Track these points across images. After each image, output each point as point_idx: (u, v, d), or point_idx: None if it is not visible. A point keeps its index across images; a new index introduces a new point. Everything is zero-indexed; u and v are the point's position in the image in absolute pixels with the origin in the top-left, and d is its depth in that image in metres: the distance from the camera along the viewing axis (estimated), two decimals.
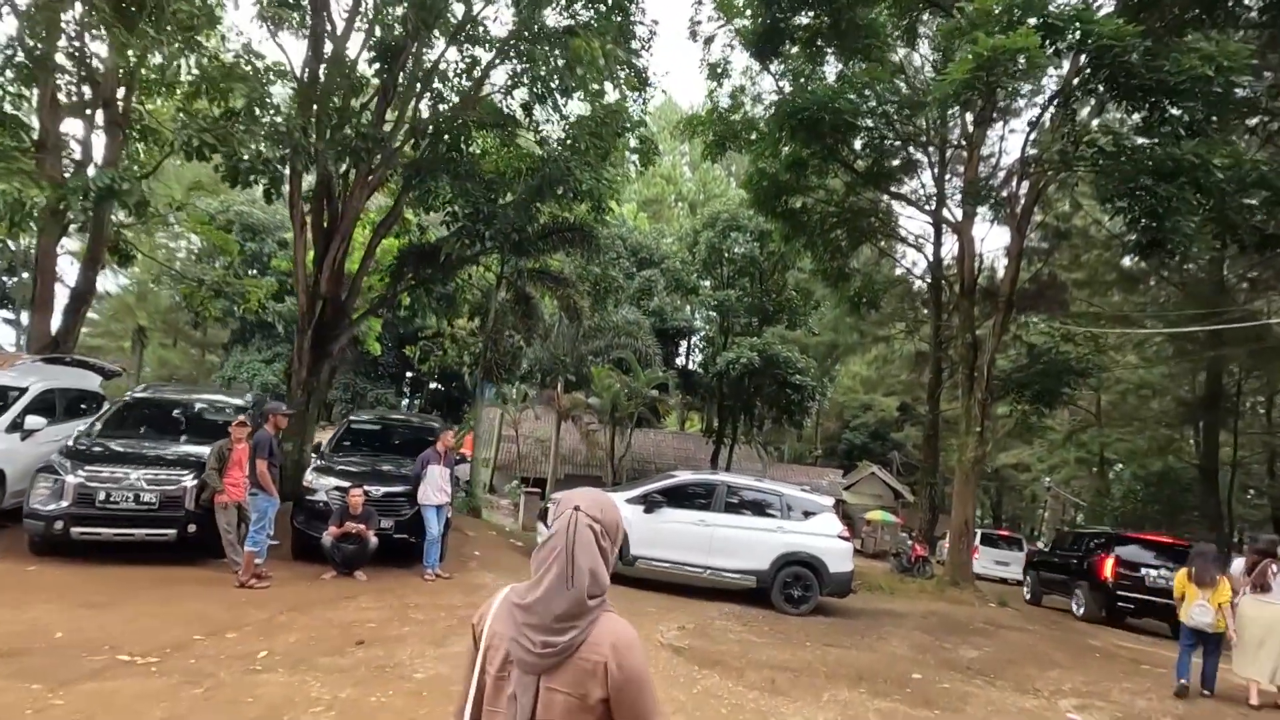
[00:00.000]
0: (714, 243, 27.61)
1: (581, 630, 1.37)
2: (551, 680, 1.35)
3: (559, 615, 1.36)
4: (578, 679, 1.35)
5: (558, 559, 1.38)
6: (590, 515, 1.43)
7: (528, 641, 1.36)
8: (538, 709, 1.36)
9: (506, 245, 11.68)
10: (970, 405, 15.22)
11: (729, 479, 10.31)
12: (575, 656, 1.36)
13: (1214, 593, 6.86)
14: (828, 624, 9.34)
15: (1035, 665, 8.04)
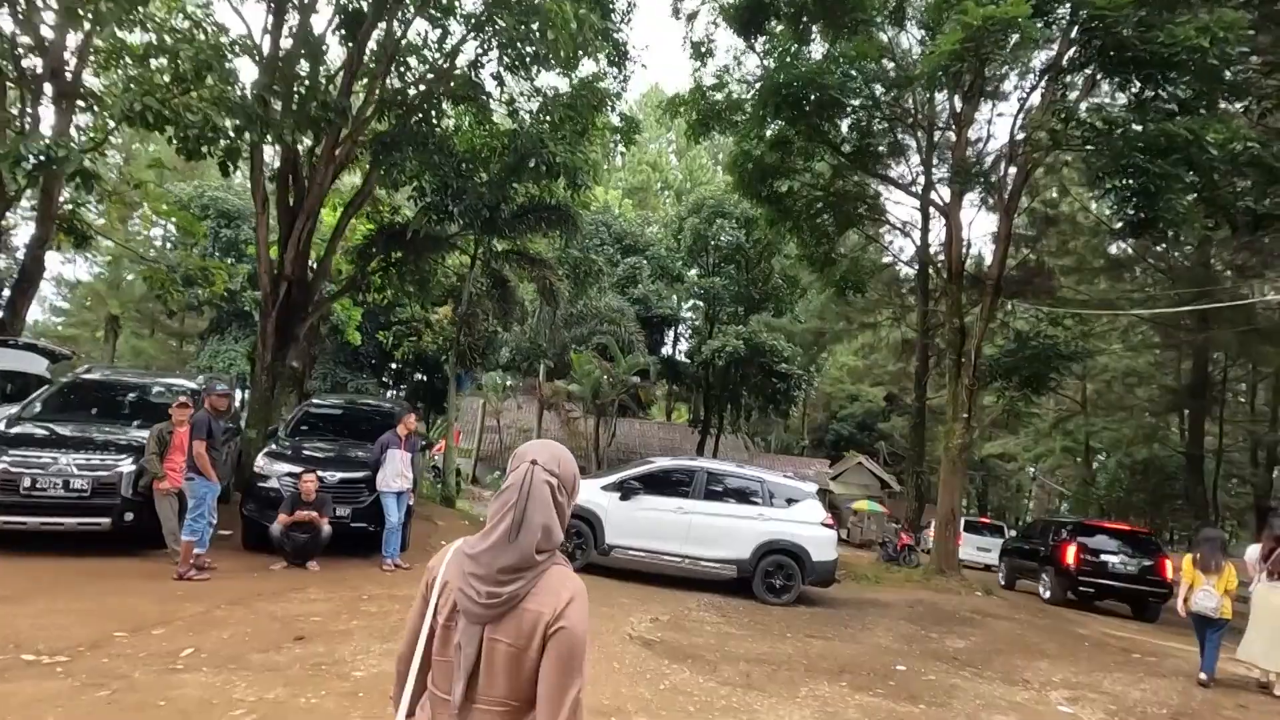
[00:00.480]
0: (699, 229, 27.20)
1: (527, 582, 1.36)
2: (496, 630, 1.35)
3: (504, 568, 1.35)
4: (520, 629, 1.34)
5: (510, 512, 1.38)
6: (547, 470, 1.42)
7: (473, 591, 1.35)
8: (481, 658, 1.35)
9: (478, 223, 11.20)
10: (957, 391, 14.93)
11: (709, 465, 9.94)
12: (519, 607, 1.35)
13: (1219, 579, 6.76)
14: (810, 614, 9.00)
15: (1023, 655, 7.74)
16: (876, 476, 35.36)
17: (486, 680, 1.36)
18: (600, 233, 27.65)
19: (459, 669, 1.36)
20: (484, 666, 1.35)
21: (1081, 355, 15.49)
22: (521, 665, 1.35)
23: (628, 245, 27.99)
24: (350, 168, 13.31)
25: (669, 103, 17.59)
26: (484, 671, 1.36)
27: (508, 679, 1.35)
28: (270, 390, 11.64)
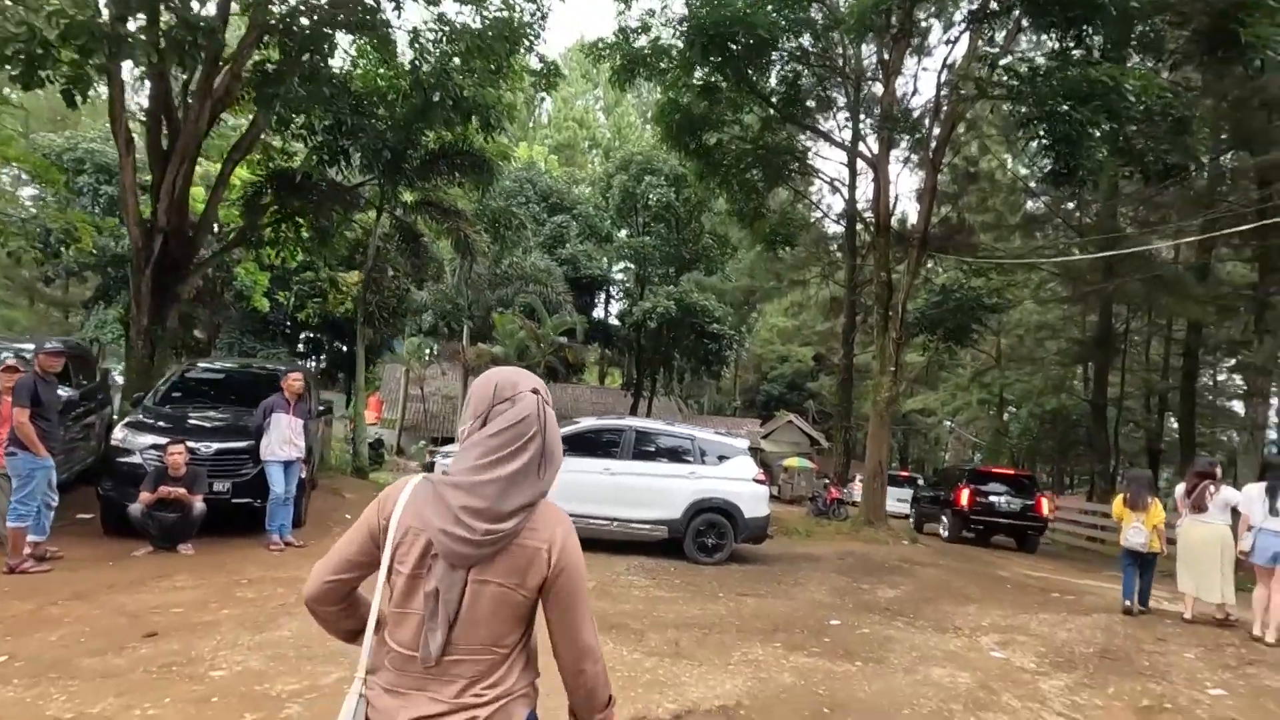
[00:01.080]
0: (628, 187, 26.43)
1: (527, 516, 1.28)
2: (483, 571, 1.25)
3: (519, 505, 1.27)
4: (515, 567, 1.26)
5: (531, 444, 1.30)
6: (546, 400, 1.38)
7: (464, 530, 1.23)
8: (462, 605, 1.24)
9: (379, 166, 10.16)
10: (885, 345, 14.99)
11: (637, 424, 9.47)
12: (514, 543, 1.27)
13: (1147, 515, 7.10)
14: (743, 572, 8.76)
15: (952, 601, 7.72)
16: (806, 434, 36.10)
17: (468, 626, 1.25)
18: (525, 190, 26.47)
19: (437, 619, 1.23)
20: (466, 612, 1.25)
21: (1002, 306, 15.83)
22: (511, 606, 1.27)
23: (554, 203, 26.94)
24: (236, 109, 11.90)
25: (590, 47, 16.63)
26: (465, 618, 1.25)
27: (493, 623, 1.26)
28: (149, 357, 10.40)
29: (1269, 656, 5.74)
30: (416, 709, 1.25)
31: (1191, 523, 6.92)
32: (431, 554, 1.26)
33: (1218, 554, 6.70)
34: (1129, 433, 31.94)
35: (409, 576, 1.27)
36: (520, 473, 1.28)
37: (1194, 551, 6.85)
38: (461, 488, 1.26)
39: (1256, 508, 6.32)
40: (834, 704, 3.99)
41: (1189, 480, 7.20)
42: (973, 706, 4.15)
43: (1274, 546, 6.11)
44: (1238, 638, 6.34)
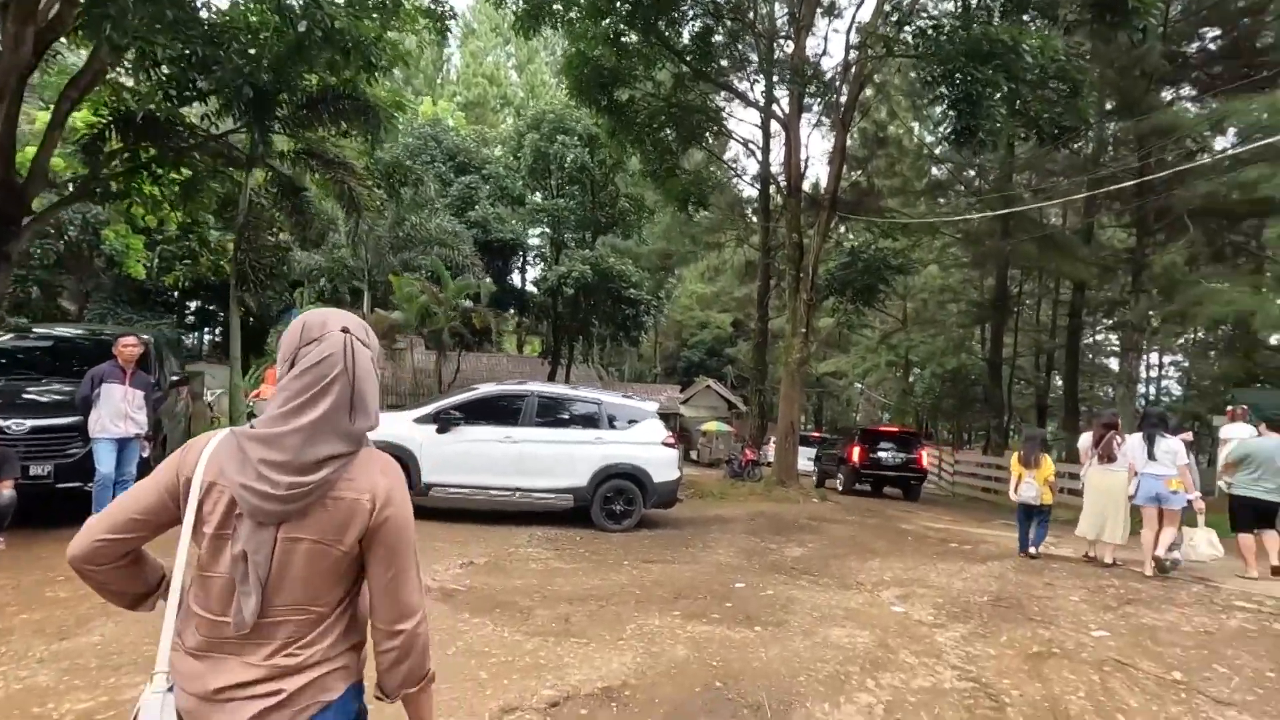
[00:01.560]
0: (541, 147, 25.39)
1: (340, 468, 1.18)
2: (295, 528, 1.16)
3: (326, 455, 1.17)
4: (330, 522, 1.17)
5: (334, 386, 1.19)
6: (362, 340, 1.26)
7: (266, 485, 1.13)
8: (273, 565, 1.15)
9: (239, 107, 9.02)
10: (796, 307, 15.04)
11: (540, 388, 8.98)
12: (328, 497, 1.17)
13: (1038, 471, 7.42)
14: (652, 538, 8.52)
15: (857, 557, 7.75)
16: (724, 399, 36.59)
17: (279, 587, 1.16)
18: (430, 148, 24.97)
19: (249, 582, 1.14)
20: (277, 572, 1.15)
21: (907, 268, 16.20)
22: (328, 564, 1.18)
23: (462, 163, 25.58)
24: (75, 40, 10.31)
25: None
26: (276, 578, 1.15)
27: (308, 582, 1.17)
28: None
29: (1144, 594, 5.97)
30: (227, 675, 1.15)
31: (1100, 472, 7.15)
32: (236, 512, 1.16)
33: (1124, 500, 7.02)
34: (1021, 389, 34.11)
35: (213, 537, 1.18)
36: (324, 420, 1.17)
37: (1104, 499, 7.09)
38: (261, 440, 1.17)
39: (1138, 455, 6.73)
40: (727, 675, 3.74)
41: (1096, 432, 7.42)
42: (870, 667, 4.00)
43: (1154, 488, 6.57)
44: (1117, 578, 6.61)
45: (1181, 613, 5.36)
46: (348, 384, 1.20)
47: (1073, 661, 4.33)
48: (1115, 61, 14.51)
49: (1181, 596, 5.87)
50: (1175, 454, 6.60)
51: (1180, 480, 6.57)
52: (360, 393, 1.22)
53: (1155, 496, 6.59)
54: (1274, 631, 4.89)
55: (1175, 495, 6.55)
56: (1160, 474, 6.58)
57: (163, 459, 1.32)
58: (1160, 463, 6.60)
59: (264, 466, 1.14)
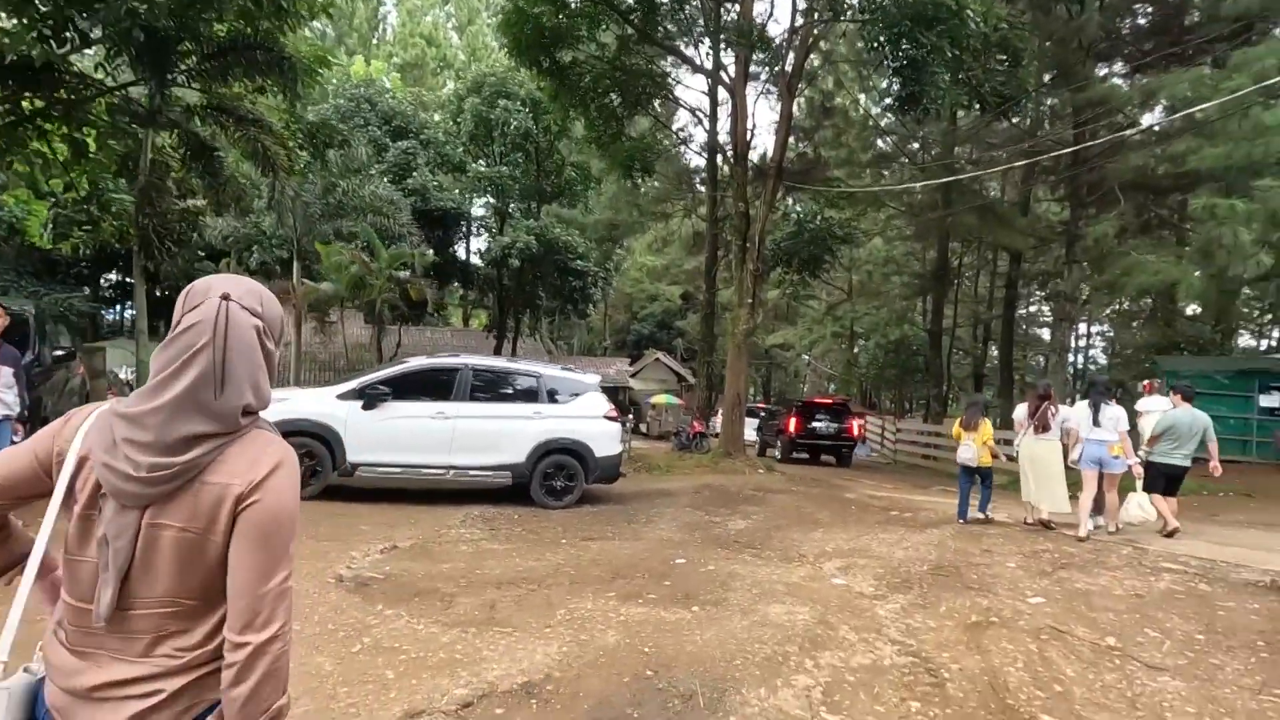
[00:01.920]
0: (481, 112, 24.36)
1: (212, 450, 1.08)
2: (161, 514, 1.06)
3: (190, 435, 1.06)
4: (197, 510, 1.07)
5: (199, 358, 1.08)
6: (248, 307, 1.14)
7: (128, 465, 1.04)
8: (136, 553, 1.06)
9: (130, 51, 8.15)
10: (743, 277, 14.89)
11: (475, 361, 8.54)
12: (197, 481, 1.07)
13: (977, 435, 7.69)
14: (594, 514, 8.28)
15: (800, 528, 7.67)
16: (674, 371, 36.57)
17: (145, 577, 1.07)
18: (363, 110, 23.68)
19: (109, 569, 1.04)
20: (141, 561, 1.06)
21: (852, 237, 16.17)
22: (198, 555, 1.07)
23: (399, 128, 24.38)
24: None
25: None
26: (140, 567, 1.06)
27: (177, 573, 1.07)
28: None
29: (1078, 559, 6.04)
30: (103, 672, 1.06)
31: (1035, 441, 7.31)
32: (102, 493, 1.07)
33: (1061, 468, 7.29)
34: (959, 359, 35.17)
35: (80, 516, 1.09)
36: (187, 395, 1.07)
37: (1040, 467, 7.28)
38: (126, 417, 1.08)
39: (1083, 422, 6.97)
40: (660, 662, 3.51)
41: (1031, 402, 7.57)
42: (809, 646, 3.84)
43: (1097, 453, 6.85)
44: (1051, 542, 6.69)
45: (1113, 576, 5.42)
46: (214, 355, 1.08)
47: (1011, 630, 4.28)
48: (1054, 33, 14.64)
49: (1112, 560, 5.96)
50: (1118, 420, 6.82)
51: (1121, 446, 6.80)
52: (230, 365, 1.10)
53: (1098, 461, 6.82)
54: (1200, 592, 4.97)
55: (1116, 460, 6.80)
56: (1104, 439, 6.81)
57: None
58: (1104, 429, 6.81)
59: (127, 446, 1.05)
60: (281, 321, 1.21)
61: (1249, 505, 11.18)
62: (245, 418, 1.12)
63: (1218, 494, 12.05)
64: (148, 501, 1.06)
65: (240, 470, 1.09)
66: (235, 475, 1.08)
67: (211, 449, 1.08)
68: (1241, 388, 14.21)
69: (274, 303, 1.20)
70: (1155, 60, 15.49)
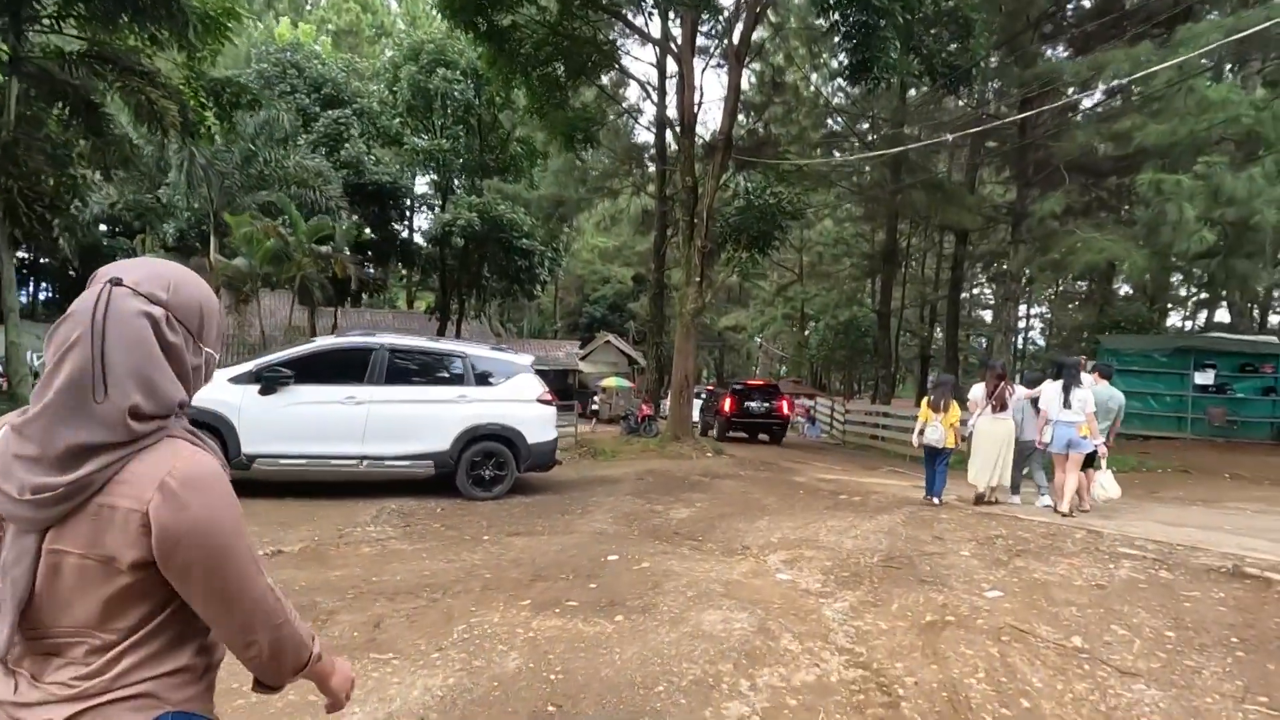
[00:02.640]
0: (419, 81, 23.07)
1: (106, 465, 0.94)
2: (58, 539, 0.95)
3: (76, 446, 0.93)
4: (99, 534, 0.94)
5: (71, 354, 0.94)
6: (145, 293, 0.99)
7: (13, 485, 0.94)
8: (38, 581, 0.96)
9: None
10: (690, 255, 14.35)
11: (392, 341, 7.74)
12: (96, 502, 0.95)
13: (945, 416, 7.58)
14: (526, 505, 7.66)
15: (745, 516, 7.21)
16: (625, 354, 36.00)
17: (51, 607, 0.97)
18: (290, 75, 22.11)
19: (7, 598, 0.97)
20: (45, 589, 0.96)
21: (802, 214, 15.75)
22: (106, 586, 0.96)
23: (330, 95, 22.88)
24: None
25: None
26: (46, 596, 0.96)
27: (84, 604, 0.97)
28: None
29: (1032, 545, 5.72)
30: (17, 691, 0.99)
31: (992, 420, 7.42)
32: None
33: (1012, 446, 7.49)
34: (906, 341, 35.65)
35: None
36: (64, 397, 0.92)
37: (995, 446, 7.38)
38: (15, 428, 0.97)
39: (1054, 404, 7.01)
40: (567, 693, 2.93)
41: (989, 382, 7.62)
42: (746, 664, 3.31)
43: (1068, 435, 6.90)
44: (1005, 527, 6.38)
45: (1071, 564, 5.09)
46: (90, 349, 0.93)
47: (969, 631, 3.86)
48: (1003, 6, 14.42)
49: (1068, 545, 5.65)
50: (1085, 401, 6.91)
51: (1088, 426, 6.88)
52: (110, 361, 0.93)
53: (1069, 443, 6.91)
54: (1161, 581, 4.67)
55: (1084, 440, 6.89)
56: (1074, 421, 6.89)
57: None
58: (1074, 410, 6.90)
59: (15, 463, 0.94)
60: (203, 311, 1.05)
61: (1187, 481, 11.28)
62: (144, 423, 0.97)
63: (1156, 470, 12.18)
64: (40, 525, 0.95)
65: (139, 492, 0.95)
66: (135, 498, 0.94)
67: (107, 464, 0.94)
68: (1179, 365, 14.43)
69: (192, 288, 1.05)
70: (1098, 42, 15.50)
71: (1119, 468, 12.75)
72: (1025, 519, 6.79)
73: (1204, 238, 9.78)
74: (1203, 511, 8.22)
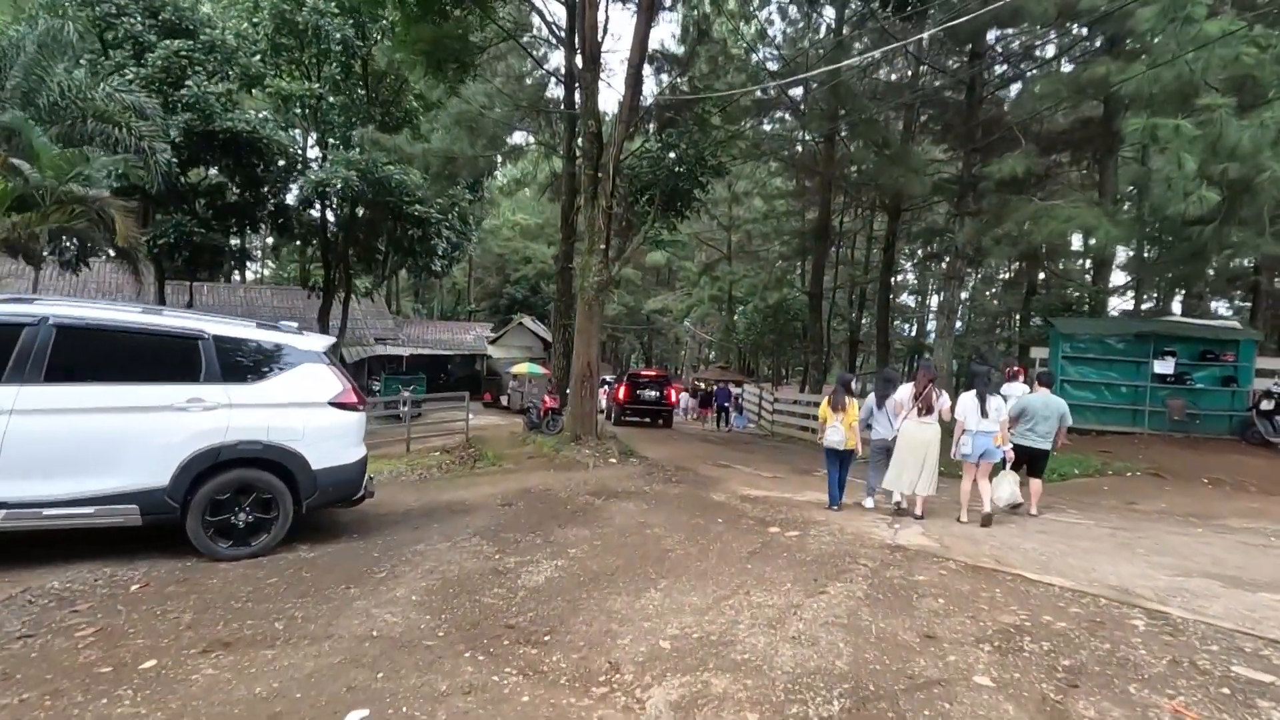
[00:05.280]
0: (283, 11, 19.36)
1: None
2: None
3: None
4: None
5: None
6: None
7: None
8: None
9: None
10: (594, 216, 11.79)
11: (62, 313, 4.80)
12: None
13: (845, 416, 7.29)
14: (303, 563, 4.98)
15: (632, 580, 4.79)
16: (540, 337, 33.12)
17: None
18: None
19: None
20: None
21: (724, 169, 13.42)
22: None
23: (169, 23, 18.87)
24: None
25: None
26: None
27: None
28: None
29: (1091, 655, 3.52)
30: None
31: (918, 425, 6.98)
32: None
33: (936, 453, 6.99)
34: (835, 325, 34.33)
35: None
36: None
37: (919, 451, 6.93)
38: None
39: (971, 414, 6.79)
40: None
41: (919, 383, 7.10)
42: None
43: (983, 445, 6.77)
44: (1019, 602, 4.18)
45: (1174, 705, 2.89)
46: None
47: None
48: None
49: (1138, 651, 3.49)
50: (1000, 410, 6.79)
51: (1001, 434, 6.78)
52: None
53: (984, 453, 6.78)
54: None
55: (996, 449, 6.81)
56: (991, 430, 6.74)
57: None
58: (991, 419, 6.74)
59: None
60: None
61: (1163, 488, 9.67)
62: None
63: (1125, 474, 10.57)
64: None
65: None
66: None
67: None
68: (1135, 353, 13.00)
69: None
70: None
71: (1081, 470, 11.21)
72: (1036, 579, 4.66)
73: (1205, 198, 8.01)
74: (1207, 539, 6.41)
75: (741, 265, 32.00)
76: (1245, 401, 12.46)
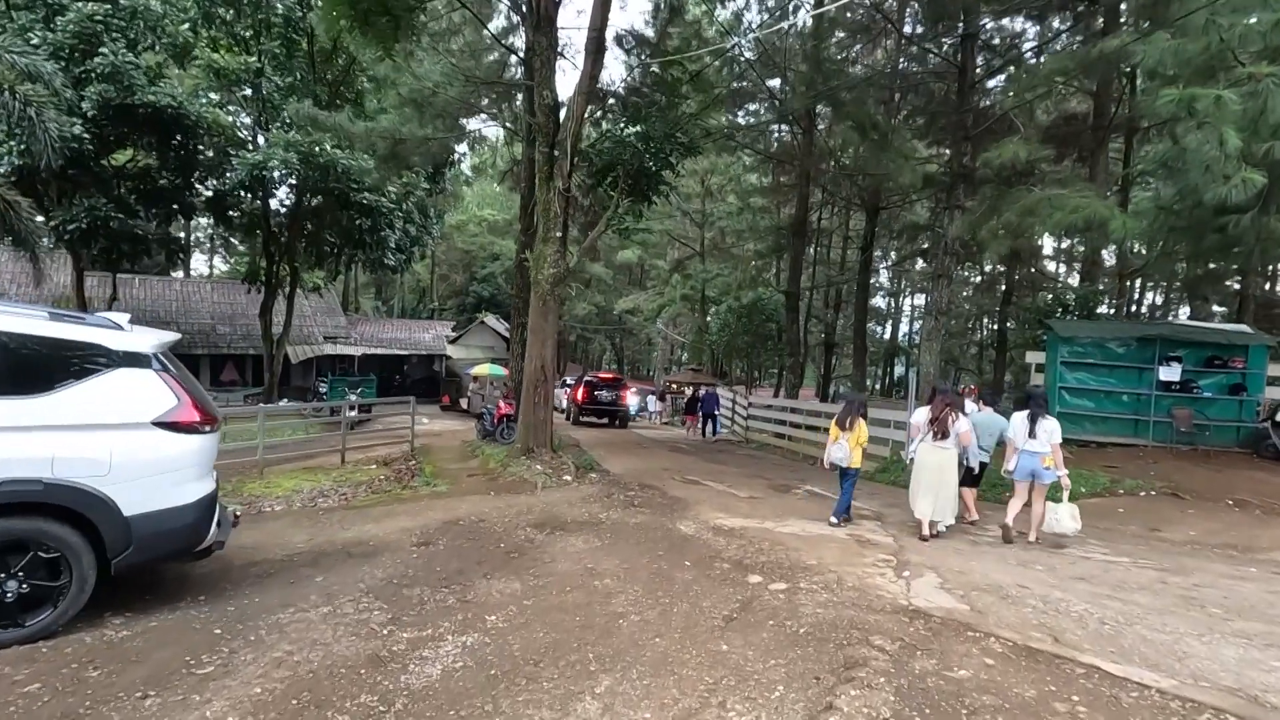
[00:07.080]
0: None
1: None
2: None
3: None
4: None
5: None
6: None
7: None
8: None
9: None
10: (550, 200, 10.40)
11: None
12: None
13: (852, 435, 7.19)
14: (90, 657, 3.51)
15: (563, 660, 3.44)
16: (502, 336, 31.47)
17: None
18: None
19: None
20: None
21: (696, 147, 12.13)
22: None
23: None
24: None
25: None
26: None
27: None
28: None
29: None
30: None
31: (933, 448, 6.83)
32: None
33: (954, 477, 6.86)
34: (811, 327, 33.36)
35: None
36: None
37: (935, 476, 6.78)
38: None
39: (1019, 434, 6.65)
40: None
41: (935, 406, 6.94)
42: None
43: (1032, 465, 6.60)
44: None
45: None
46: None
47: None
48: None
49: None
50: (1052, 433, 6.58)
51: (1052, 457, 6.54)
52: None
53: (1031, 473, 6.65)
54: None
55: (1047, 471, 6.59)
56: (1038, 451, 6.57)
57: None
58: (1039, 440, 6.57)
59: None
60: None
61: (1185, 511, 8.60)
62: None
63: (1138, 493, 9.50)
64: None
65: None
66: None
67: None
68: (1139, 358, 12.02)
69: None
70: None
71: (1088, 488, 10.12)
72: (1119, 675, 3.40)
73: (1251, 180, 6.92)
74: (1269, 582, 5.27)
75: (715, 263, 30.84)
76: (1255, 411, 11.54)
